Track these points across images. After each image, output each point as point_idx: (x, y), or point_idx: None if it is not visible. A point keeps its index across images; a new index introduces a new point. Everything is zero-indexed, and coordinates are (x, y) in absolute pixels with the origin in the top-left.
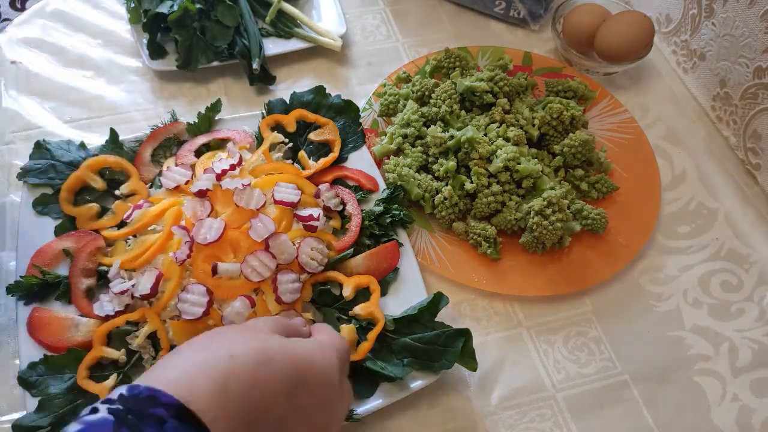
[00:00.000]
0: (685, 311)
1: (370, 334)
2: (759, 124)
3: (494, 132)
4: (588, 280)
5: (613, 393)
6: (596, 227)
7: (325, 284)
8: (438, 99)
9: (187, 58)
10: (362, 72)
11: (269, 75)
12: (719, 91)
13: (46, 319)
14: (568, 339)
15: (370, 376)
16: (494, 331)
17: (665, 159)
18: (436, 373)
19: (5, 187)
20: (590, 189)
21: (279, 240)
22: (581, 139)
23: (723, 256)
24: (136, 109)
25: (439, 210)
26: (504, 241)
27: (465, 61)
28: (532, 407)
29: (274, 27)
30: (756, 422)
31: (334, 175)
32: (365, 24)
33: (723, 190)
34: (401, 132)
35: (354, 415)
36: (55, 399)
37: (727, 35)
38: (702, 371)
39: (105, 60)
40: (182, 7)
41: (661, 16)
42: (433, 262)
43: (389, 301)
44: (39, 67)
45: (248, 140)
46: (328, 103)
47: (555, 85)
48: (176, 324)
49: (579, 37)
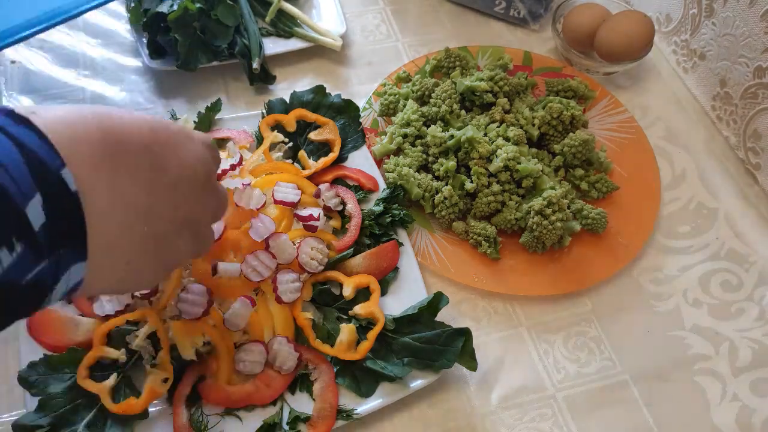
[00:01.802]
0: (685, 311)
1: (370, 333)
2: (759, 123)
3: (494, 132)
4: (588, 280)
5: (613, 393)
6: (596, 227)
7: (325, 284)
8: (438, 99)
9: (187, 57)
10: (362, 72)
11: (269, 74)
12: (719, 91)
13: (46, 319)
14: (568, 339)
15: (370, 375)
16: (494, 331)
17: (665, 159)
18: (436, 373)
19: None
20: (590, 189)
21: (279, 240)
22: (581, 139)
23: (723, 256)
24: (136, 108)
25: (439, 210)
26: (504, 240)
27: (465, 60)
28: (532, 407)
29: (274, 26)
30: (756, 422)
31: (334, 174)
32: (365, 23)
33: (723, 190)
34: (401, 132)
35: (354, 415)
36: (55, 399)
37: (728, 35)
38: (702, 371)
39: (105, 60)
40: (182, 7)
41: (661, 15)
42: (433, 262)
43: (389, 301)
44: (39, 66)
45: (248, 140)
46: (328, 103)
47: (555, 84)
48: (176, 324)
49: (579, 37)
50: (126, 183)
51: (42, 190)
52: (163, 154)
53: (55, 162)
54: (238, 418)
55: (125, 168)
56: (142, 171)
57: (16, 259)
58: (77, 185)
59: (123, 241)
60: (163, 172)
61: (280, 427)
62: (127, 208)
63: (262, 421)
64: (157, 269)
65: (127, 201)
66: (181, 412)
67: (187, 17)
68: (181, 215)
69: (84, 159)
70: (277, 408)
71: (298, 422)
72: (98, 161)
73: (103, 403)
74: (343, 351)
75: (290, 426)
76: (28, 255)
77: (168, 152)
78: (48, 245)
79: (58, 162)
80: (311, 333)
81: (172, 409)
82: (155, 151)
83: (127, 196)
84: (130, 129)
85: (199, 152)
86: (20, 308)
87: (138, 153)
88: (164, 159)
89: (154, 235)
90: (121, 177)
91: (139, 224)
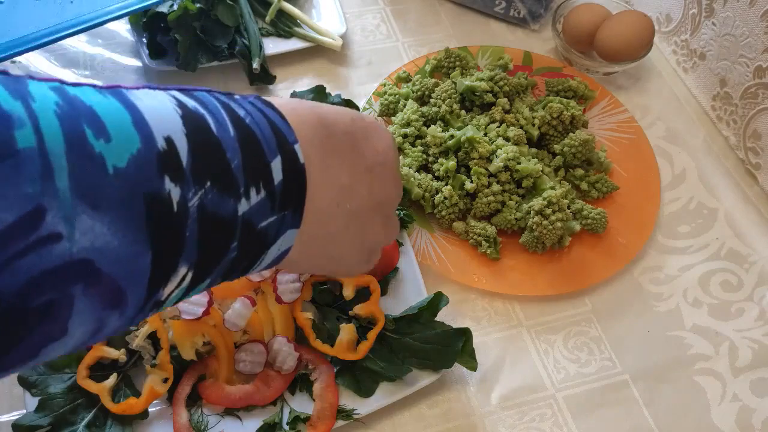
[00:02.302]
0: (685, 311)
1: (370, 333)
2: (759, 123)
3: (494, 132)
4: (588, 280)
5: (613, 393)
6: (596, 227)
7: (326, 284)
8: (438, 99)
9: (187, 57)
10: (362, 72)
11: (269, 74)
12: (719, 91)
13: None
14: (568, 339)
15: (370, 375)
16: (494, 331)
17: (665, 159)
18: (436, 373)
19: None
20: (590, 189)
21: None
22: (581, 139)
23: (723, 256)
24: None
25: (439, 210)
26: (504, 240)
27: (465, 60)
28: (532, 407)
29: (274, 26)
30: (756, 422)
31: None
32: (365, 23)
33: (723, 190)
34: (401, 131)
35: (354, 415)
36: (55, 399)
37: (728, 35)
38: (702, 371)
39: (105, 60)
40: (182, 7)
41: (661, 15)
42: (433, 262)
43: (389, 301)
44: (39, 66)
45: None
46: (328, 103)
47: (555, 84)
48: (176, 324)
49: (579, 37)
50: (335, 163)
51: (282, 155)
52: (362, 140)
53: (291, 136)
54: (238, 418)
55: (333, 149)
56: (347, 153)
57: (260, 202)
58: (304, 159)
59: (331, 214)
60: (362, 156)
61: (280, 427)
62: (335, 186)
63: (262, 421)
64: (360, 250)
65: (334, 179)
66: (181, 412)
67: (187, 17)
68: (375, 198)
69: (308, 138)
70: (277, 408)
71: (298, 422)
72: (317, 142)
73: (103, 403)
74: (343, 351)
75: (290, 426)
76: (266, 203)
77: (365, 140)
78: (280, 202)
79: (293, 137)
80: (311, 333)
81: (172, 409)
82: (357, 137)
83: (334, 176)
84: (335, 117)
85: (389, 142)
86: (251, 251)
87: (343, 137)
88: (363, 145)
89: (356, 214)
90: (330, 157)
91: (344, 201)
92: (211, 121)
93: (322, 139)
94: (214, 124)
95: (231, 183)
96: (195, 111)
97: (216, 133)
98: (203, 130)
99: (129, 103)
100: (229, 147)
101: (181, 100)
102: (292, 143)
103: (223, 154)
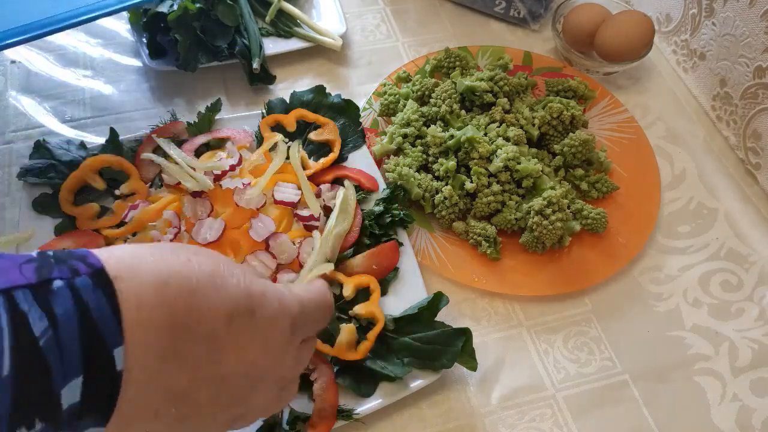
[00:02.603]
0: (685, 311)
1: (370, 333)
2: (759, 123)
3: (494, 132)
4: (588, 280)
5: (613, 393)
6: (596, 227)
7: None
8: (438, 98)
9: (187, 57)
10: (362, 72)
11: (269, 75)
12: (719, 91)
13: None
14: (568, 339)
15: (370, 375)
16: (494, 331)
17: (665, 159)
18: (436, 373)
19: (5, 187)
20: (590, 189)
21: (279, 240)
22: (581, 139)
23: (723, 256)
24: (136, 108)
25: (439, 210)
26: (504, 240)
27: (465, 60)
28: (532, 407)
29: (274, 26)
30: (756, 422)
31: (334, 174)
32: (365, 23)
33: (723, 190)
34: (401, 132)
35: (354, 415)
36: None
37: (728, 35)
38: (702, 371)
39: (105, 60)
40: (182, 7)
41: (661, 15)
42: (433, 262)
43: (389, 301)
44: (39, 66)
45: (248, 140)
46: (328, 103)
47: (555, 84)
48: None
49: (579, 37)
50: (172, 368)
51: (86, 373)
52: (229, 346)
53: (114, 339)
54: None
55: (176, 355)
56: (196, 359)
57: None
58: (125, 364)
59: (147, 419)
60: (216, 365)
61: (280, 427)
62: (160, 391)
63: (262, 421)
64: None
65: (164, 385)
66: None
67: (187, 17)
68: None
69: (141, 342)
70: None
71: (298, 422)
72: (154, 346)
73: None
74: (343, 351)
75: (290, 426)
76: (46, 429)
77: (234, 345)
78: (69, 420)
79: (116, 340)
80: None
81: None
82: (220, 343)
83: (165, 381)
84: (207, 315)
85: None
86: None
87: (199, 343)
88: (225, 352)
89: (187, 417)
90: (169, 362)
91: (169, 407)
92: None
93: (164, 345)
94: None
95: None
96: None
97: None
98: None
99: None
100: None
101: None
102: (110, 347)
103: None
